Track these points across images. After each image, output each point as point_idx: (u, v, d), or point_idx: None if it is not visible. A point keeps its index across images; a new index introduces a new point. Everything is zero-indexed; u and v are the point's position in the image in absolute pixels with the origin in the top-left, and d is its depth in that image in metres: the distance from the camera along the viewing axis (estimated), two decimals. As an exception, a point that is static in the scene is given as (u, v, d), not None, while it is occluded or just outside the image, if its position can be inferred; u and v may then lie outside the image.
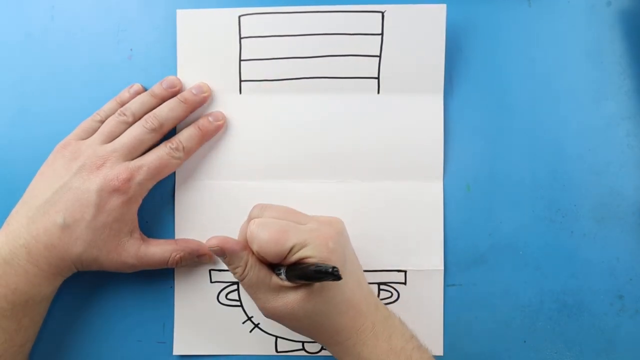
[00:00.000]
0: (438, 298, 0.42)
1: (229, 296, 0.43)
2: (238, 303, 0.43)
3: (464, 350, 0.42)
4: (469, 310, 0.43)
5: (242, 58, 0.42)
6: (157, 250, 0.40)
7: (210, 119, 0.42)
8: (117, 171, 0.38)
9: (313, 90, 0.43)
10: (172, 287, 0.43)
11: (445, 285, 0.42)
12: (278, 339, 0.43)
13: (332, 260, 0.34)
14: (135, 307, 0.43)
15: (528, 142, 0.43)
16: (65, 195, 0.38)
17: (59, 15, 0.44)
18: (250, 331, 0.43)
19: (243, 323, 0.43)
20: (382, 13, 0.42)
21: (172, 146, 0.40)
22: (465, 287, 0.43)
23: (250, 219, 0.37)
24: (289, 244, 0.34)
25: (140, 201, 0.40)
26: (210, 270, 0.43)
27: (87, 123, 0.41)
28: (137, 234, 0.40)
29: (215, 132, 0.42)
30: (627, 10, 0.43)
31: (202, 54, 0.43)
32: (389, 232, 0.42)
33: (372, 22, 0.42)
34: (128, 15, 0.44)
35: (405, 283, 0.43)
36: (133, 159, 0.39)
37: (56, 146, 0.40)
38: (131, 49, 0.44)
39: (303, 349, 0.43)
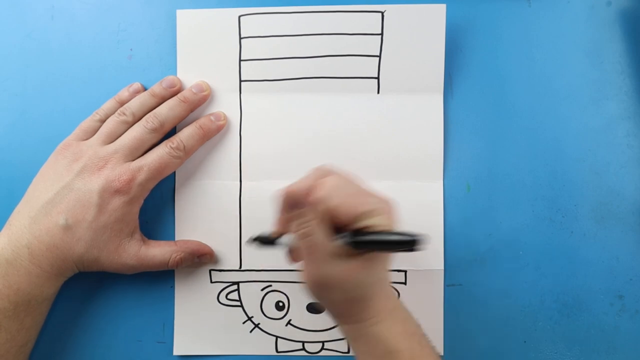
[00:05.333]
0: (438, 298, 0.42)
1: (229, 296, 0.43)
2: (238, 303, 0.43)
3: (464, 350, 0.42)
4: (469, 310, 0.43)
5: (242, 58, 0.42)
6: (158, 251, 0.40)
7: (212, 118, 0.42)
8: (118, 172, 0.38)
9: (313, 91, 0.43)
10: (172, 287, 0.43)
11: (445, 285, 0.43)
12: (278, 339, 0.43)
13: None
14: (135, 307, 0.43)
15: (528, 142, 0.43)
16: (67, 196, 0.38)
17: (59, 15, 0.44)
18: (251, 331, 0.43)
19: (243, 323, 0.43)
20: (382, 13, 0.42)
21: (173, 145, 0.40)
22: (465, 287, 0.43)
23: (315, 178, 0.34)
24: (363, 209, 0.32)
25: (141, 202, 0.40)
26: (210, 271, 0.43)
27: (86, 123, 0.41)
28: (138, 235, 0.40)
29: (216, 132, 0.42)
30: (627, 10, 0.43)
31: (202, 54, 0.43)
32: (389, 232, 0.42)
33: (372, 22, 0.42)
34: (128, 15, 0.44)
35: (405, 283, 0.43)
36: (134, 159, 0.39)
37: (57, 147, 0.40)
38: (131, 49, 0.44)
39: (303, 349, 0.43)
